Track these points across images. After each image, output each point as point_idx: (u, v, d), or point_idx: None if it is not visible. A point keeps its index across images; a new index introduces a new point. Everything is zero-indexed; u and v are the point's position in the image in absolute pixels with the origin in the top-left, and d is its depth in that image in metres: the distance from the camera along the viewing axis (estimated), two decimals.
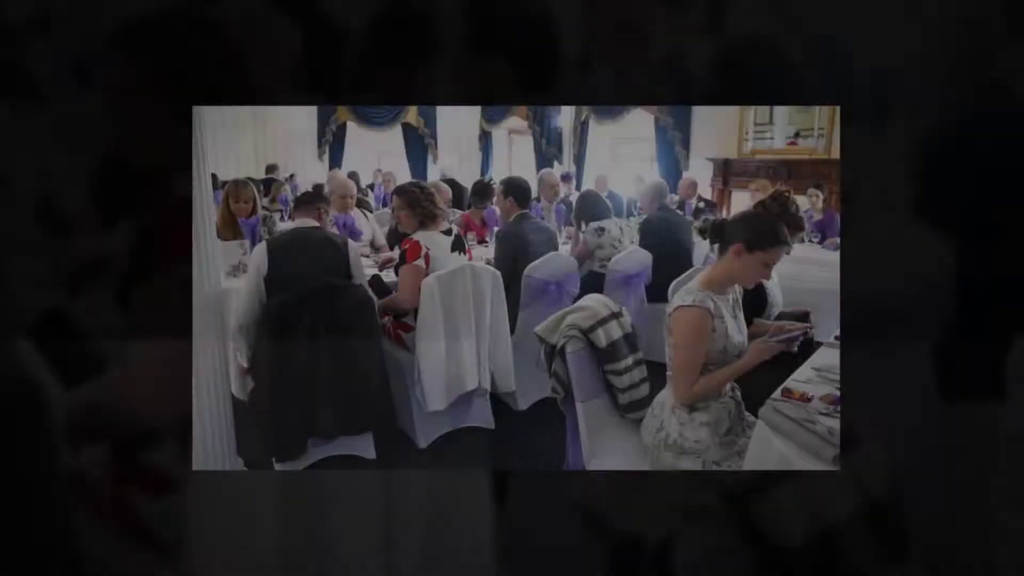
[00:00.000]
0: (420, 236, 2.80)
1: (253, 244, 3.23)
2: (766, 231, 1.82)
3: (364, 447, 2.73)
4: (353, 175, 7.81)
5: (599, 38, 1.55)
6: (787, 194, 2.47)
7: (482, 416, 3.08)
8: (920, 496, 1.12)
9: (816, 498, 0.98)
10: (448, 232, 2.88)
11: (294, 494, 1.05)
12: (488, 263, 3.58)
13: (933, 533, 1.08)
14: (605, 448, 2.03)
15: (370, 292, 2.60)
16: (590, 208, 3.97)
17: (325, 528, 1.02)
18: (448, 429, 2.99)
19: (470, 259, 2.97)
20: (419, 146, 9.52)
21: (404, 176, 8.51)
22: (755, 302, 2.24)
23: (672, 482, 1.08)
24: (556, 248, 3.59)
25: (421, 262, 2.73)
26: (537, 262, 3.09)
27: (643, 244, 3.92)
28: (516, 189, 3.55)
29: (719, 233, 1.89)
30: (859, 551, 0.96)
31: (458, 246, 2.90)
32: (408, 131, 9.41)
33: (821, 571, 0.96)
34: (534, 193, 5.17)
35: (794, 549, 0.96)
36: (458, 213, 4.81)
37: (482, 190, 4.51)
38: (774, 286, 2.51)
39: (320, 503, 1.04)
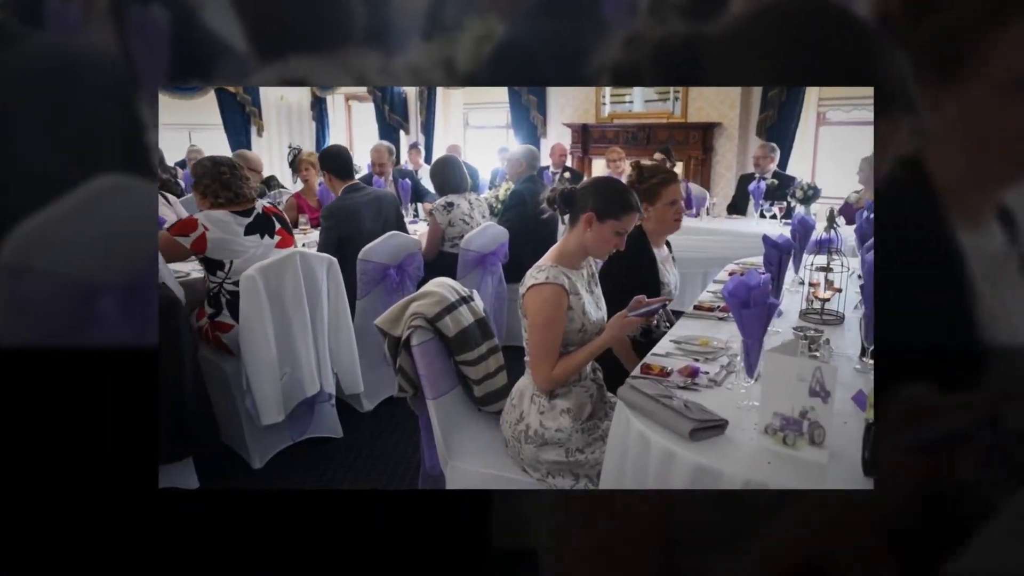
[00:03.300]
0: (204, 215, 2.63)
1: None
2: (616, 198, 1.88)
3: (184, 476, 2.53)
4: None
5: None
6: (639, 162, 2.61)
7: (327, 424, 2.98)
8: None
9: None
10: (247, 213, 2.71)
11: None
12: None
13: None
14: (463, 447, 2.03)
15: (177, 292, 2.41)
16: (445, 177, 3.89)
17: None
18: (288, 443, 2.86)
19: (289, 244, 2.82)
20: (239, 116, 8.94)
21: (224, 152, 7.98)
22: (647, 285, 2.30)
23: None
24: (402, 222, 3.53)
25: (187, 240, 2.55)
26: (373, 244, 3.02)
27: (507, 219, 3.95)
28: (327, 160, 3.44)
29: (568, 202, 1.93)
30: None
31: (260, 228, 2.71)
32: (224, 99, 8.80)
33: None
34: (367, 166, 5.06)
35: None
36: (286, 195, 4.59)
37: (292, 163, 4.32)
38: (667, 264, 2.61)
39: None
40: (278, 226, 2.78)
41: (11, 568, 1.06)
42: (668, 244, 2.70)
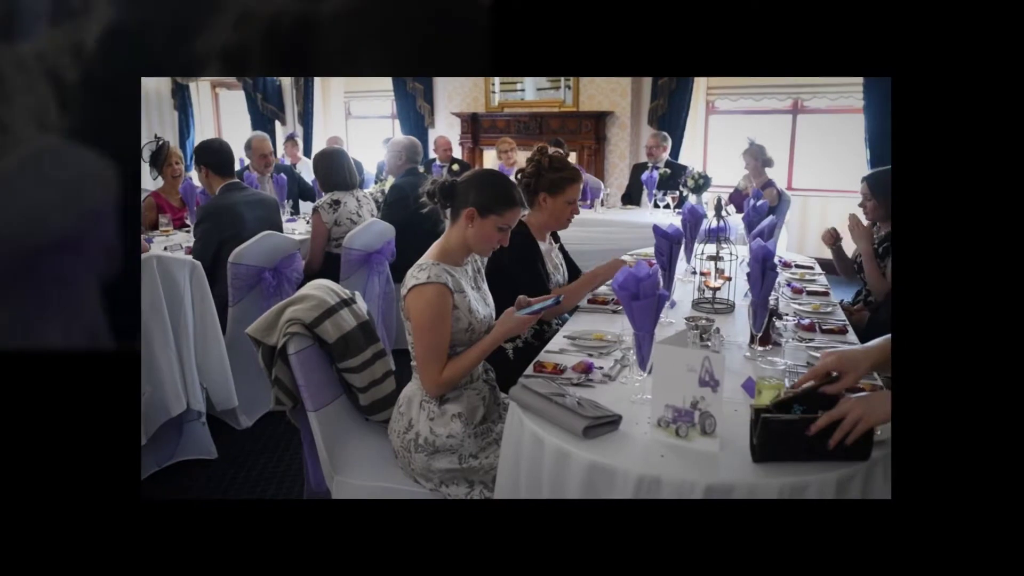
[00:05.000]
0: None
1: None
2: (499, 192, 1.88)
3: None
4: None
5: None
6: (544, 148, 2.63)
7: (199, 445, 2.84)
8: None
9: None
10: None
11: None
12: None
13: None
14: (349, 460, 1.97)
15: None
16: (331, 172, 3.78)
17: None
18: (154, 469, 2.71)
19: None
20: None
21: None
22: (534, 281, 2.31)
23: None
24: (279, 225, 3.41)
25: None
26: (245, 245, 2.91)
27: (388, 215, 3.89)
28: (206, 154, 3.29)
29: (448, 197, 1.91)
30: None
31: None
32: None
33: None
34: (245, 161, 4.87)
35: None
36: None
37: (153, 157, 4.10)
38: (550, 255, 2.63)
39: None
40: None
41: None
42: (555, 235, 2.74)
